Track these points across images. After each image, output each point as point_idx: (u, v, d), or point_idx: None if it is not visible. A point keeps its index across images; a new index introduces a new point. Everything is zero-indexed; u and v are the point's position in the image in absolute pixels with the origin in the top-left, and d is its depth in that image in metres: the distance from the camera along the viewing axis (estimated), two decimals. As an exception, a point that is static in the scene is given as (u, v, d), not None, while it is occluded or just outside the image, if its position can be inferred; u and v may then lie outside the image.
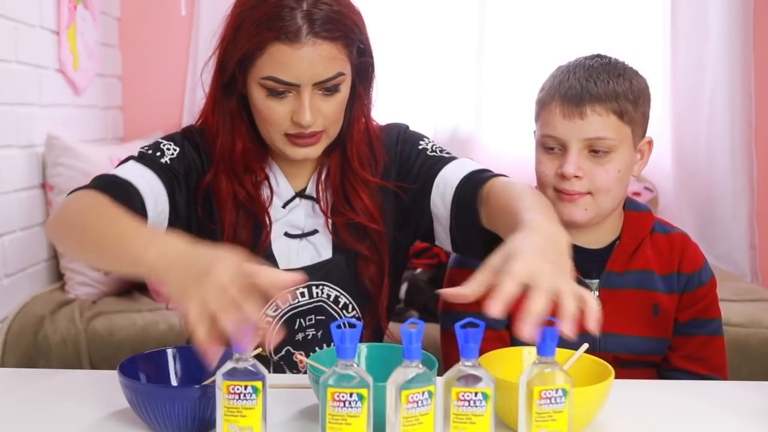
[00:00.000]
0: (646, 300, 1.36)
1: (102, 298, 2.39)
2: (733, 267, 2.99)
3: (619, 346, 1.35)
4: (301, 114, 1.21)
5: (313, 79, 1.20)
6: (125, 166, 1.27)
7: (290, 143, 1.25)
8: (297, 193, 1.35)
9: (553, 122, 1.32)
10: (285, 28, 1.17)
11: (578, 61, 1.36)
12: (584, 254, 1.36)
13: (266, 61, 1.19)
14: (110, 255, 1.05)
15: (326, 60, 1.20)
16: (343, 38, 1.21)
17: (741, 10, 2.97)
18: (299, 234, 1.34)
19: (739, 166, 3.01)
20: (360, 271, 1.34)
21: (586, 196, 1.31)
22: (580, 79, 1.31)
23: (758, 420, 1.09)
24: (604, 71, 1.32)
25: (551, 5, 3.02)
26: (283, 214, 1.34)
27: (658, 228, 1.41)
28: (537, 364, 0.90)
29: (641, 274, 1.37)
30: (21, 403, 1.13)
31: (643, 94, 1.34)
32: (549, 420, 0.89)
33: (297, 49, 1.18)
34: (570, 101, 1.30)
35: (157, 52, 3.09)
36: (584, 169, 1.30)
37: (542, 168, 1.35)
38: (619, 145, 1.31)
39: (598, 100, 1.29)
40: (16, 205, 2.23)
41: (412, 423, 0.87)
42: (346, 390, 0.86)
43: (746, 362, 2.16)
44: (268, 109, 1.23)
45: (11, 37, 2.18)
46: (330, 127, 1.26)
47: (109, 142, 2.92)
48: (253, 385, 0.88)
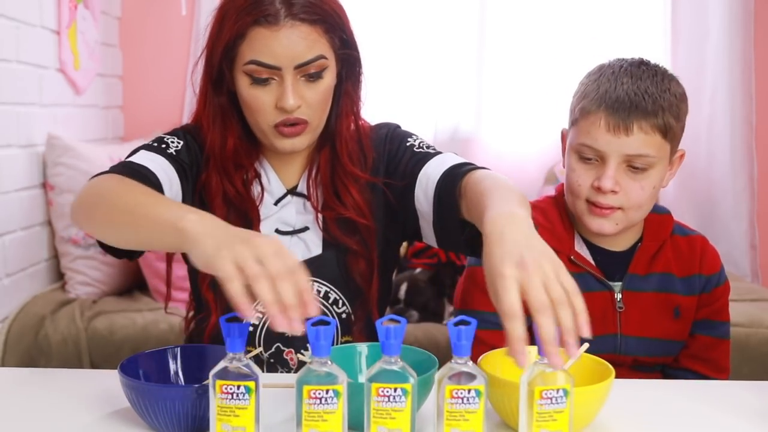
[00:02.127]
0: (667, 303, 1.36)
1: (102, 297, 2.39)
2: (734, 267, 2.99)
3: (639, 348, 1.34)
4: (284, 98, 1.22)
5: (294, 60, 1.21)
6: (137, 154, 1.28)
7: (278, 134, 1.26)
8: (288, 190, 1.36)
9: (595, 133, 1.27)
10: (263, 11, 1.21)
11: (624, 68, 1.30)
12: (607, 257, 1.36)
13: (247, 47, 1.22)
14: (145, 224, 1.04)
15: (305, 42, 1.22)
16: (321, 22, 1.23)
17: (741, 9, 2.97)
18: (290, 231, 1.35)
19: (740, 166, 3.01)
20: (350, 267, 1.34)
21: (617, 211, 1.29)
22: (629, 92, 1.26)
23: (758, 420, 1.09)
24: (652, 84, 1.27)
25: (551, 4, 3.02)
26: (274, 211, 1.35)
27: (677, 230, 1.41)
28: (538, 364, 0.90)
29: (662, 276, 1.37)
30: (21, 403, 1.13)
31: (684, 104, 1.31)
32: (550, 420, 0.89)
33: (275, 31, 1.20)
34: (617, 114, 1.25)
35: (158, 52, 3.09)
36: (621, 184, 1.27)
37: (576, 178, 1.31)
38: (658, 162, 1.28)
39: (645, 117, 1.25)
40: (17, 205, 2.23)
41: (383, 416, 0.88)
42: (321, 387, 0.88)
43: (746, 362, 2.16)
44: (253, 98, 1.24)
45: (12, 37, 2.18)
46: (314, 116, 1.27)
47: (110, 142, 2.92)
48: (246, 385, 0.88)
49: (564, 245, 1.35)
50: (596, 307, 1.34)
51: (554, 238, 1.36)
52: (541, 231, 1.35)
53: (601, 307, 1.34)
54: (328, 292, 1.34)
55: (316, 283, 1.34)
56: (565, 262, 1.34)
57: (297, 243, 1.35)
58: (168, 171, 1.27)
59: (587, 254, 1.36)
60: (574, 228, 1.38)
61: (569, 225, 1.37)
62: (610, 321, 1.34)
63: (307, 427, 0.88)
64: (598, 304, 1.34)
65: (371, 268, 1.35)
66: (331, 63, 1.26)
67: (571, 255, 1.34)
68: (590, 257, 1.36)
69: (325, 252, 1.34)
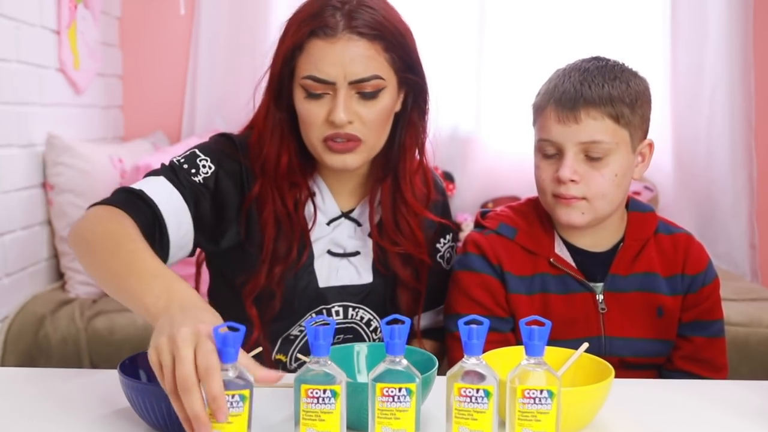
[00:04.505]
0: (650, 302, 1.36)
1: (102, 297, 2.39)
2: (733, 266, 2.99)
3: (625, 349, 1.34)
4: (334, 112, 1.20)
5: (348, 76, 1.20)
6: (155, 182, 1.26)
7: (328, 149, 1.24)
8: (343, 213, 1.36)
9: (548, 127, 1.30)
10: (322, 22, 1.19)
11: (575, 64, 1.34)
12: (588, 257, 1.36)
13: (305, 60, 1.21)
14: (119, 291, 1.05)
15: (362, 58, 1.20)
16: (381, 39, 1.21)
17: (741, 10, 2.97)
18: (342, 253, 1.35)
19: (739, 165, 3.01)
20: (398, 299, 1.37)
21: (581, 201, 1.30)
22: (575, 83, 1.29)
23: (758, 419, 1.09)
24: (599, 74, 1.30)
25: (551, 5, 3.02)
26: (327, 232, 1.35)
27: (662, 229, 1.40)
28: (524, 363, 0.90)
29: (645, 276, 1.36)
30: (21, 402, 1.13)
31: (642, 96, 1.32)
32: (533, 420, 0.89)
33: (332, 43, 1.19)
34: (564, 105, 1.28)
35: (158, 52, 3.09)
36: (580, 173, 1.29)
37: (540, 173, 1.34)
38: (616, 149, 1.29)
39: (593, 104, 1.27)
40: (17, 205, 2.23)
41: (387, 417, 0.88)
42: (319, 387, 0.88)
43: (746, 361, 2.16)
44: (306, 111, 1.23)
45: (12, 37, 2.19)
46: (369, 137, 1.25)
47: (110, 142, 2.92)
48: (240, 394, 0.87)
49: (544, 248, 1.36)
50: (578, 309, 1.34)
51: (534, 241, 1.36)
52: (521, 235, 1.37)
53: (583, 309, 1.34)
54: (371, 320, 1.36)
55: (361, 310, 1.35)
56: (545, 265, 1.35)
57: (347, 266, 1.35)
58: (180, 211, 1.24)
59: (567, 256, 1.36)
60: (555, 230, 1.38)
61: (549, 227, 1.38)
62: (593, 323, 1.34)
63: (305, 426, 0.88)
64: (579, 306, 1.34)
65: (418, 301, 1.39)
66: (390, 84, 1.24)
67: (551, 257, 1.35)
68: (571, 259, 1.36)
69: (375, 280, 1.36)
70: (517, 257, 1.35)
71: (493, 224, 1.39)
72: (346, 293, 1.34)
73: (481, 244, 1.37)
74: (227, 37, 3.02)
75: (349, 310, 1.35)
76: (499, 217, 1.40)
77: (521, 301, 1.34)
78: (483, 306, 1.34)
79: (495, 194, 2.99)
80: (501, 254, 1.35)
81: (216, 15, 3.02)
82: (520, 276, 1.34)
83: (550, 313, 1.32)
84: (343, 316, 1.34)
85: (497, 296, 1.35)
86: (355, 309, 1.35)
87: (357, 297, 1.35)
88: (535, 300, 1.34)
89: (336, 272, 1.34)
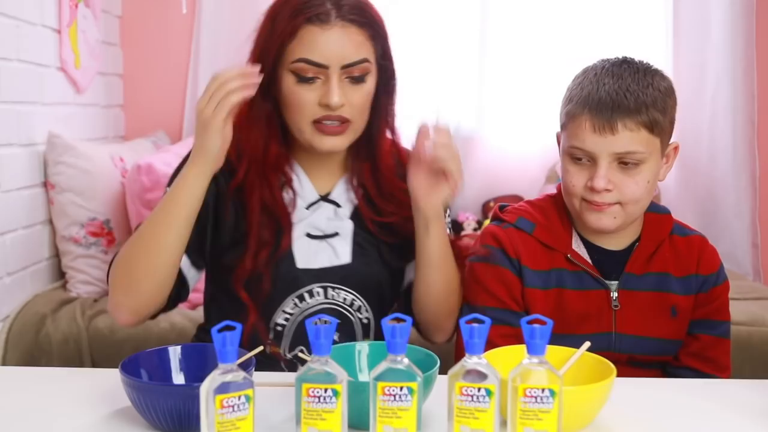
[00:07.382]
0: (663, 302, 1.36)
1: (103, 296, 2.38)
2: (735, 265, 2.99)
3: (635, 346, 1.35)
4: (329, 95, 1.25)
5: (342, 60, 1.25)
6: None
7: (318, 132, 1.29)
8: (321, 196, 1.38)
9: (582, 135, 1.29)
10: (315, 10, 1.25)
11: (606, 69, 1.32)
12: (604, 255, 1.37)
13: (296, 45, 1.25)
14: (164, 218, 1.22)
15: (354, 43, 1.26)
16: (368, 26, 1.28)
17: (743, 8, 2.96)
18: (320, 235, 1.36)
19: (742, 164, 3.01)
20: (378, 275, 1.38)
21: (615, 206, 1.30)
22: (611, 92, 1.27)
23: (760, 418, 1.09)
24: (633, 81, 1.28)
25: (553, 4, 3.02)
26: (306, 216, 1.37)
27: (677, 230, 1.41)
28: (526, 361, 0.90)
29: (659, 276, 1.37)
30: (22, 402, 1.13)
31: (671, 98, 1.31)
32: (534, 419, 0.89)
33: (326, 30, 1.25)
34: (600, 115, 1.26)
35: (159, 51, 3.09)
36: (614, 181, 1.28)
37: (570, 178, 1.33)
38: (649, 157, 1.29)
39: (629, 115, 1.26)
40: (18, 204, 2.23)
41: (388, 416, 0.88)
42: (320, 386, 0.88)
43: (748, 360, 2.15)
44: (297, 95, 1.27)
45: (12, 36, 2.18)
46: (356, 118, 1.30)
47: (111, 141, 2.92)
48: (246, 394, 0.87)
49: (561, 243, 1.36)
50: (592, 305, 1.34)
51: (552, 236, 1.37)
52: (539, 229, 1.37)
53: (597, 305, 1.34)
54: (354, 299, 1.37)
55: (342, 291, 1.36)
56: (562, 260, 1.35)
57: (325, 248, 1.36)
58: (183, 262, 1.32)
59: (584, 253, 1.36)
60: (573, 226, 1.38)
61: (568, 223, 1.38)
62: (605, 319, 1.34)
63: (306, 425, 0.88)
64: (593, 302, 1.34)
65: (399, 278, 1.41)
66: (373, 69, 1.31)
67: (568, 253, 1.35)
68: (587, 256, 1.36)
69: (354, 261, 1.36)
70: (535, 252, 1.36)
71: (511, 218, 1.39)
72: (324, 274, 1.35)
73: (500, 237, 1.37)
74: (229, 35, 3.01)
75: (329, 290, 1.35)
76: (518, 211, 1.41)
77: (537, 296, 1.34)
78: (498, 299, 1.35)
79: (497, 193, 2.98)
80: (519, 248, 1.36)
81: (217, 14, 3.02)
82: (536, 270, 1.35)
83: (564, 308, 1.33)
84: (323, 296, 1.35)
85: (513, 290, 1.35)
86: (334, 289, 1.35)
87: (335, 277, 1.35)
88: (550, 295, 1.34)
89: (315, 255, 1.35)
